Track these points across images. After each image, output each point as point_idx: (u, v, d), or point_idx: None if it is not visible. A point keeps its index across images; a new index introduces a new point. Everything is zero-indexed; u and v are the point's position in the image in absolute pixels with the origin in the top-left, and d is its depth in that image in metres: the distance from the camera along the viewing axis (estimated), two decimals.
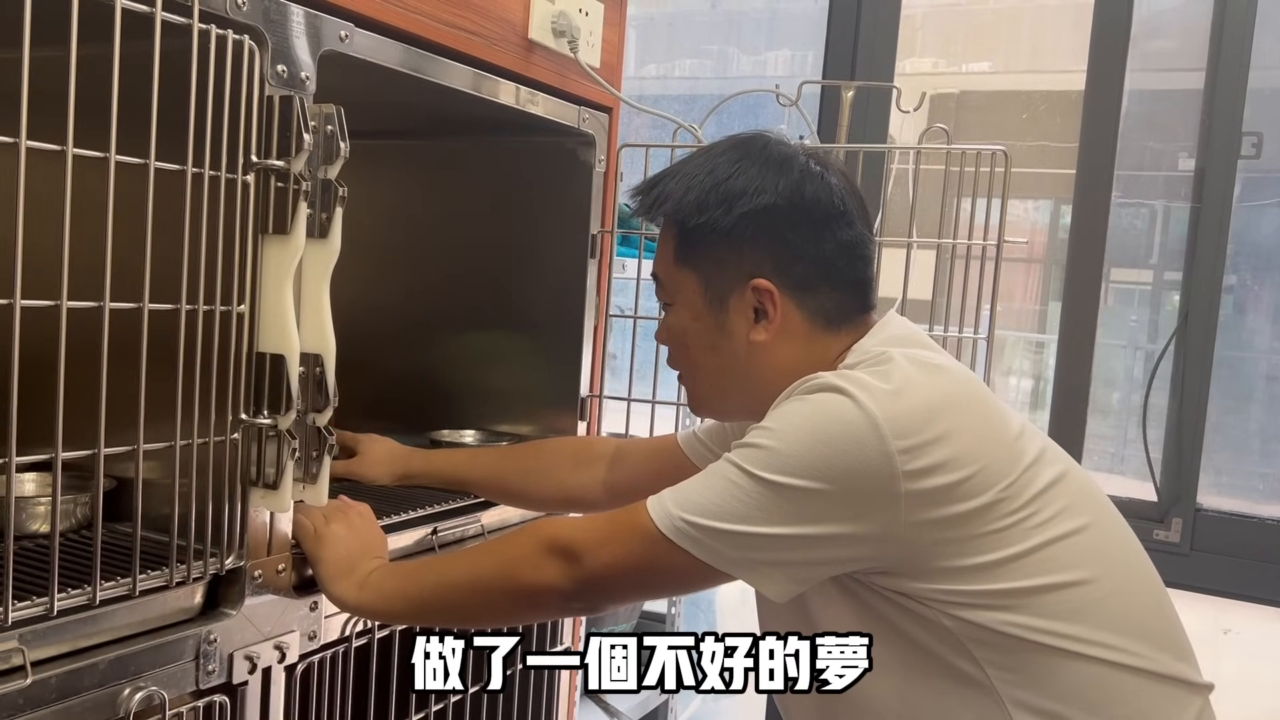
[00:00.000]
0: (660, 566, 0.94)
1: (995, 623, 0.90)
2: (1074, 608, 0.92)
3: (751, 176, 1.01)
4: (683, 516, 0.92)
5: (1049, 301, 5.29)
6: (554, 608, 0.98)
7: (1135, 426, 2.52)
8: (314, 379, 1.00)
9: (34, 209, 0.76)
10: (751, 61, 2.95)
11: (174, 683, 0.93)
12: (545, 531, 0.99)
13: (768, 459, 0.90)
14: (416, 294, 1.64)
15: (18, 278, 0.76)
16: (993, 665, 0.91)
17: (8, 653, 0.80)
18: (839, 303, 1.03)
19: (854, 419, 0.89)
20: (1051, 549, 0.92)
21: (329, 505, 1.08)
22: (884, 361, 0.95)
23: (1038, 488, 0.93)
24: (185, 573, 0.92)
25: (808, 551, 0.91)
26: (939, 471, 0.89)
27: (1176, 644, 0.97)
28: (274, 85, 0.95)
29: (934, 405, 0.91)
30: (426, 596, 1.04)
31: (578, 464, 1.34)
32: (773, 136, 1.06)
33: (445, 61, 1.18)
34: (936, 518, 0.89)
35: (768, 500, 0.90)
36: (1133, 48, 1.99)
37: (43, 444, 0.80)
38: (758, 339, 1.02)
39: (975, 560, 0.90)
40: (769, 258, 1.01)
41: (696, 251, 1.04)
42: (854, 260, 1.03)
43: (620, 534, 0.96)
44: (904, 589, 0.92)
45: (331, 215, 0.99)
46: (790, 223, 1.01)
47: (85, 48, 0.77)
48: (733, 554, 0.91)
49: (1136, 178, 2.40)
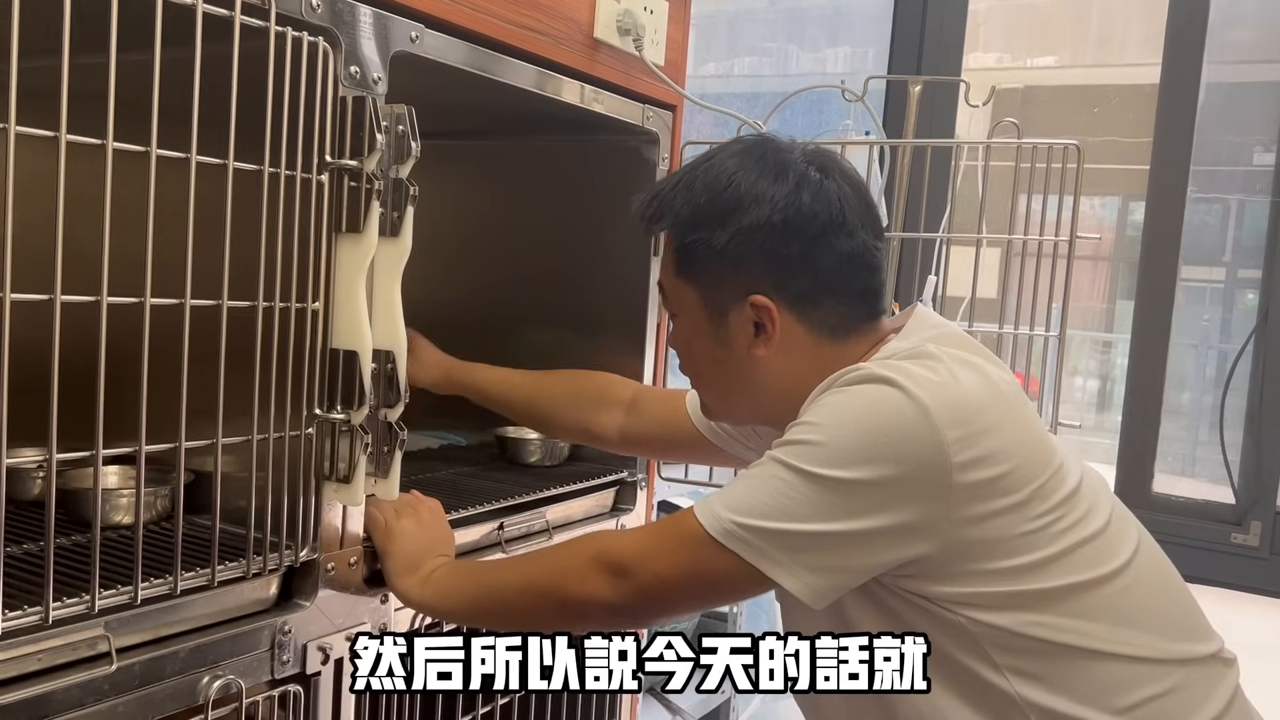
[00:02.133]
0: (709, 573, 0.93)
1: (1014, 624, 0.90)
2: (1093, 605, 0.91)
3: (747, 187, 0.98)
4: (732, 518, 0.90)
5: (1116, 300, 5.19)
6: (600, 621, 0.98)
7: (1207, 428, 2.46)
8: (385, 375, 1.02)
9: (117, 210, 0.78)
10: (811, 59, 2.93)
11: (250, 672, 0.95)
12: (595, 545, 0.99)
13: (816, 454, 0.89)
14: (481, 293, 1.66)
15: (104, 277, 0.78)
16: (1012, 670, 0.90)
17: (94, 639, 0.83)
18: (843, 315, 1.01)
19: (903, 408, 0.88)
20: (1076, 553, 0.91)
21: (400, 500, 1.09)
22: (925, 355, 0.94)
23: (1065, 492, 0.92)
24: (261, 564, 0.94)
25: (855, 550, 0.89)
26: (985, 464, 0.88)
27: (1194, 626, 0.97)
28: (347, 86, 0.97)
29: (980, 397, 0.90)
30: (481, 600, 1.05)
31: (599, 403, 1.36)
32: (774, 141, 1.03)
33: (512, 61, 1.19)
34: (978, 514, 0.88)
35: (818, 496, 0.88)
36: (1209, 39, 1.94)
37: (122, 438, 0.83)
38: (759, 354, 1.01)
39: (1004, 564, 0.89)
40: (766, 274, 0.99)
41: (694, 267, 1.02)
42: (857, 270, 1.00)
43: (667, 542, 0.95)
44: (926, 592, 0.91)
45: (403, 214, 1.01)
46: (785, 239, 0.98)
47: (162, 52, 0.79)
48: (781, 556, 0.90)
49: (1210, 173, 2.34)
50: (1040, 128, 3.39)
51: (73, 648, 0.82)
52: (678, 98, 1.46)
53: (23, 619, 0.77)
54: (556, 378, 1.40)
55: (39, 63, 0.73)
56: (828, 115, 2.22)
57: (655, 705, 2.11)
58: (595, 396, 1.36)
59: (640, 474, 1.52)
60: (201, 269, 0.86)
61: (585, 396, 1.36)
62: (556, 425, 1.39)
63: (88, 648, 0.83)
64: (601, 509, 1.48)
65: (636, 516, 1.51)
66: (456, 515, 1.20)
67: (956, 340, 0.99)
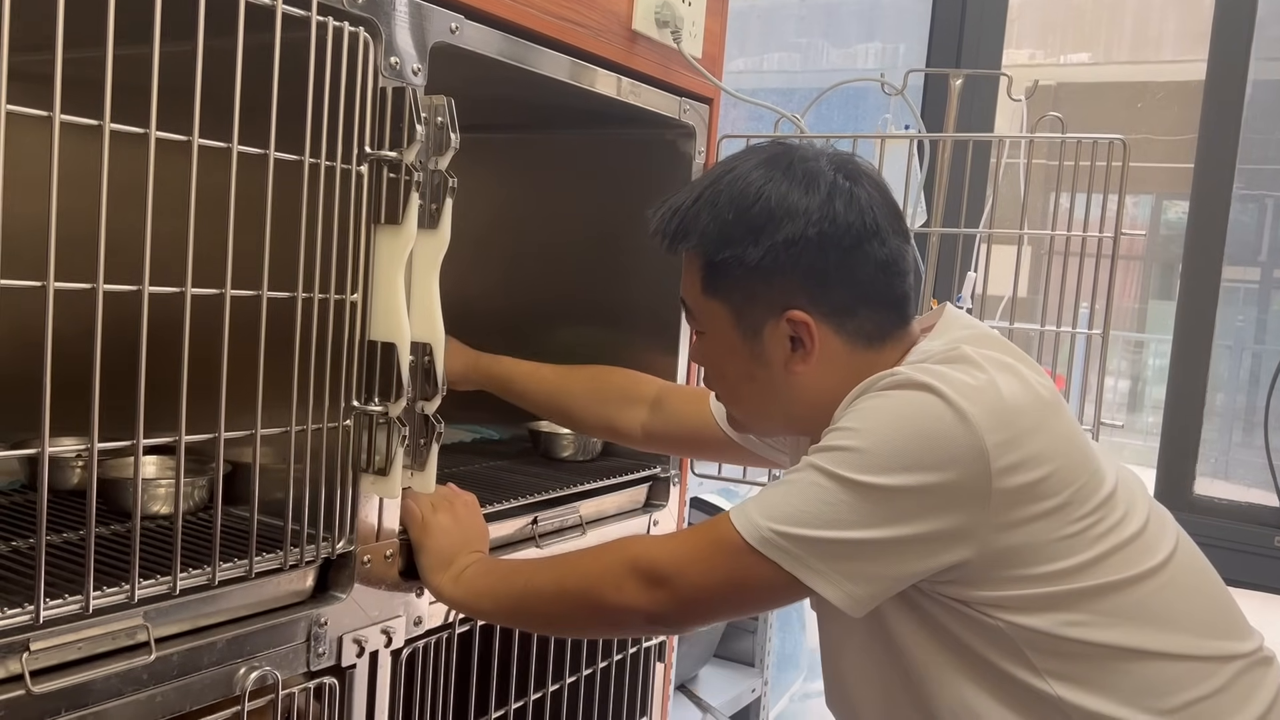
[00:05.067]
0: (747, 582, 0.91)
1: (1052, 626, 0.88)
2: (1131, 603, 0.90)
3: (778, 199, 0.95)
4: (771, 526, 0.89)
5: (1149, 300, 5.12)
6: (637, 629, 0.97)
7: (1241, 430, 2.43)
8: (423, 367, 1.01)
9: (159, 200, 0.78)
10: (841, 54, 2.91)
11: (286, 664, 0.95)
12: (629, 551, 0.97)
13: (855, 460, 0.88)
14: (512, 287, 1.65)
15: (146, 266, 0.78)
16: (1052, 674, 0.89)
17: (134, 629, 0.83)
18: (878, 322, 0.99)
19: (943, 414, 0.86)
20: (1114, 556, 0.90)
21: (437, 494, 1.09)
22: (963, 359, 0.92)
23: (1102, 495, 0.91)
24: (298, 556, 0.94)
25: (895, 557, 0.88)
26: (1025, 468, 0.87)
27: (1233, 623, 0.96)
28: (387, 77, 0.96)
29: (1019, 401, 0.89)
30: (513, 601, 1.04)
31: (623, 400, 1.34)
32: (798, 149, 1.00)
33: (550, 53, 1.18)
34: (1017, 518, 0.87)
35: (858, 503, 0.87)
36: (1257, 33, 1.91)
37: (159, 428, 0.82)
38: (796, 369, 0.99)
39: (1042, 569, 0.88)
40: (802, 288, 0.96)
41: (725, 284, 0.99)
42: (891, 278, 0.98)
43: (704, 551, 0.93)
44: (964, 597, 0.90)
45: (441, 206, 1.00)
46: (822, 250, 0.95)
47: (203, 43, 0.79)
48: (820, 565, 0.88)
49: (1246, 171, 2.31)
50: (1073, 125, 3.35)
51: (112, 637, 0.82)
52: (714, 91, 1.45)
53: (63, 608, 0.77)
54: (581, 373, 1.39)
55: (80, 54, 0.73)
56: (864, 110, 2.20)
57: (685, 702, 2.11)
58: (619, 393, 1.35)
59: (673, 470, 1.51)
60: (242, 260, 0.85)
61: (609, 392, 1.35)
62: (580, 420, 1.38)
63: (127, 637, 0.83)
64: (634, 504, 1.47)
65: (669, 513, 1.50)
66: (491, 509, 1.20)
67: (991, 342, 0.97)
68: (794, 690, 2.57)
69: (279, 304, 0.89)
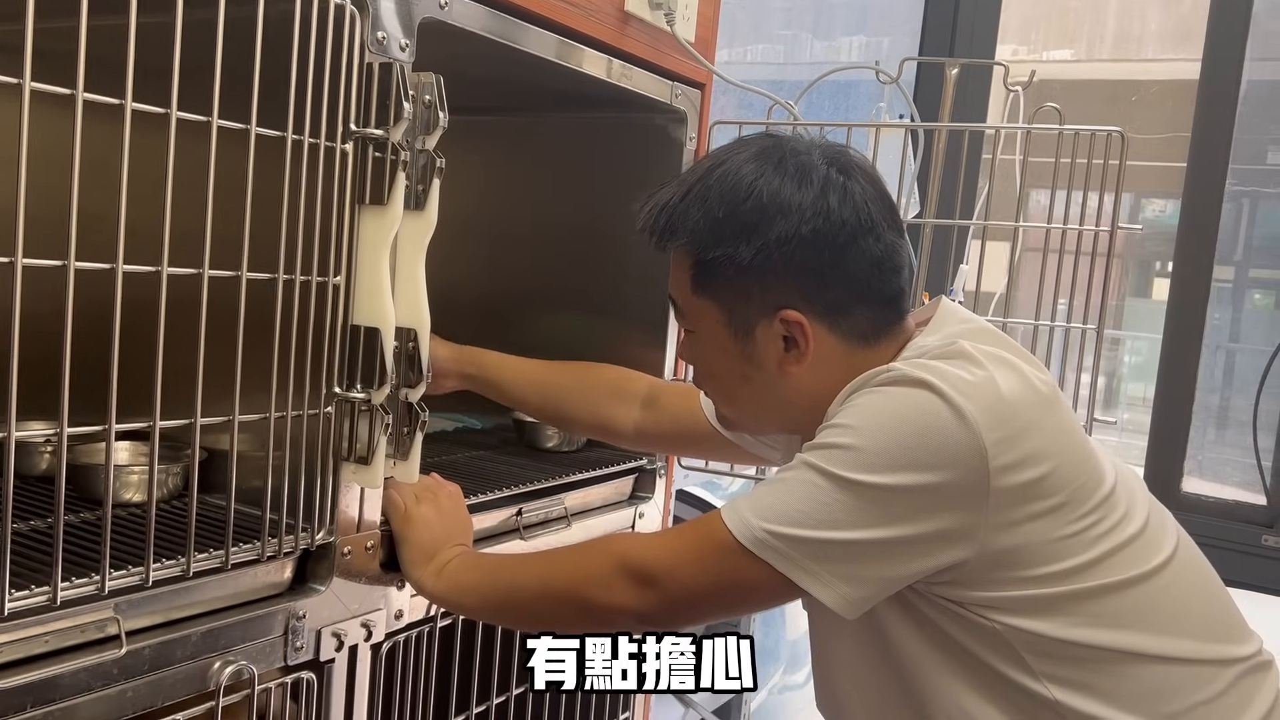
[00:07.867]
0: (739, 583, 0.89)
1: (1050, 629, 0.87)
2: (1130, 606, 0.88)
3: (770, 195, 0.92)
4: (764, 526, 0.86)
5: (1125, 297, 5.14)
6: (628, 627, 0.95)
7: (1214, 428, 2.44)
8: (407, 354, 0.98)
9: (134, 176, 0.75)
10: (826, 47, 2.89)
11: (263, 658, 0.92)
12: (617, 550, 0.95)
13: (851, 458, 0.85)
14: (499, 273, 1.62)
15: (120, 243, 0.75)
16: (1050, 677, 0.88)
17: (104, 622, 0.80)
18: (873, 319, 0.96)
19: (941, 411, 0.84)
20: (1114, 557, 0.88)
21: (421, 484, 1.06)
22: (960, 355, 0.90)
23: (1102, 493, 0.89)
24: (276, 547, 0.91)
25: (891, 558, 0.86)
26: (1025, 466, 0.85)
27: (1233, 626, 0.94)
28: (374, 52, 0.93)
29: (1018, 397, 0.87)
30: (498, 598, 1.02)
31: (614, 397, 1.30)
32: (790, 141, 0.97)
33: (541, 32, 1.15)
34: (1016, 518, 0.85)
35: (854, 503, 0.85)
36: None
37: (133, 412, 0.79)
38: (790, 369, 0.96)
39: (1041, 570, 0.86)
40: (796, 287, 0.94)
41: (715, 282, 0.96)
42: (886, 274, 0.95)
43: (695, 550, 0.91)
44: (960, 598, 0.88)
45: (428, 187, 0.97)
46: (816, 248, 0.92)
47: (183, 14, 0.76)
48: (814, 566, 0.86)
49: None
50: (1055, 122, 3.35)
51: (81, 629, 0.79)
52: (706, 76, 1.42)
53: (30, 599, 0.74)
54: (570, 370, 1.34)
55: (53, 24, 0.69)
56: (854, 101, 2.18)
57: (667, 697, 2.09)
58: (610, 390, 1.31)
59: (659, 462, 1.48)
60: (220, 239, 0.82)
61: (600, 390, 1.31)
62: (572, 420, 1.34)
63: (96, 630, 0.80)
64: (620, 496, 1.45)
65: (655, 505, 1.48)
66: (475, 500, 1.17)
67: (989, 336, 0.95)
68: (773, 683, 2.57)
69: (259, 286, 0.86)
